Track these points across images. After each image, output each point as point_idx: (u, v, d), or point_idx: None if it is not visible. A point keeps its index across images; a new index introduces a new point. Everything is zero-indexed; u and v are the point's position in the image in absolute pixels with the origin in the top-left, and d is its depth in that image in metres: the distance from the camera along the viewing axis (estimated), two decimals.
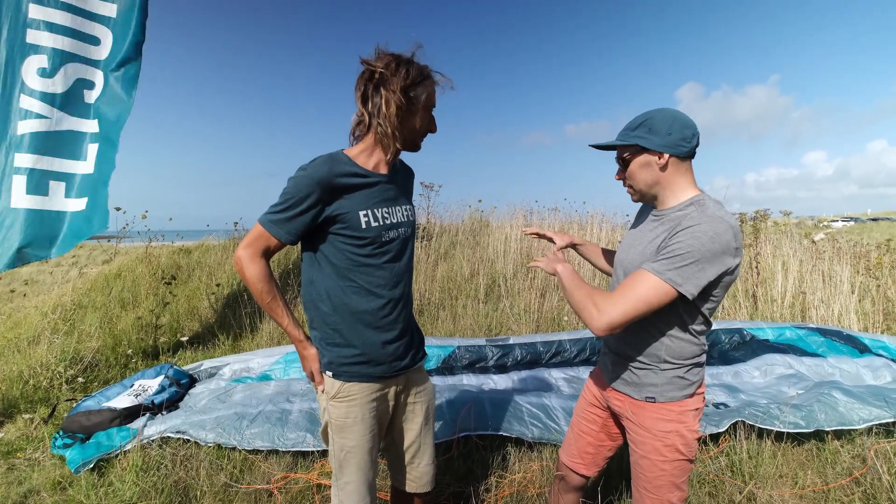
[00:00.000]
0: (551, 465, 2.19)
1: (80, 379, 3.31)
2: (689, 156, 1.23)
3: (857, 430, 2.37)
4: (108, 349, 3.78)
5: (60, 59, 3.21)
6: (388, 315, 1.35)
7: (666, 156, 1.21)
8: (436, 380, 3.00)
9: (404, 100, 1.26)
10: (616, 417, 1.44)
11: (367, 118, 1.30)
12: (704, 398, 1.34)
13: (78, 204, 3.27)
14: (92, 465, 2.23)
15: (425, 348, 1.54)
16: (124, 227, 5.83)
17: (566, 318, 4.33)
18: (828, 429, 2.32)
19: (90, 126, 3.35)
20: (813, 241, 6.41)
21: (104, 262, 6.92)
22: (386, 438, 1.51)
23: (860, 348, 3.39)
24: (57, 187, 3.23)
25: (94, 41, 3.36)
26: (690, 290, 1.11)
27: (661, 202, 1.29)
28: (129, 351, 3.72)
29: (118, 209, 5.35)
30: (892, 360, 3.20)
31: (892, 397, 2.47)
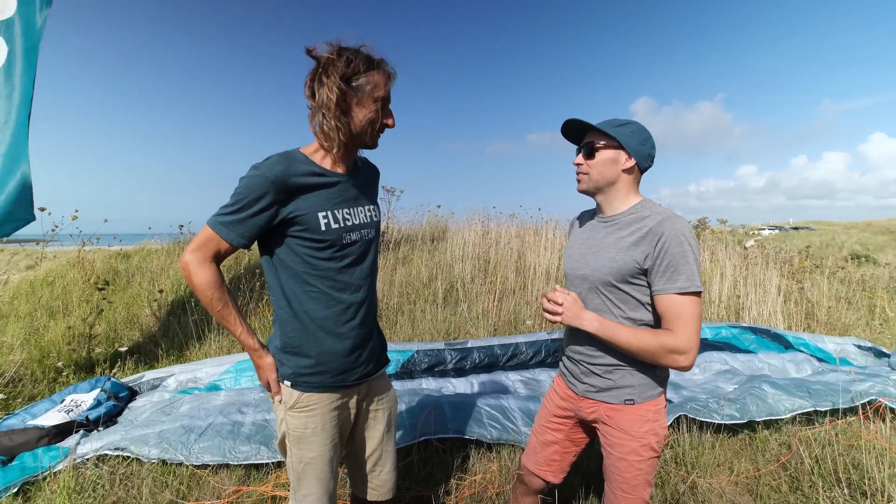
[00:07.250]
0: (510, 465, 2.23)
1: (1, 395, 3.00)
2: (644, 171, 1.35)
3: (783, 419, 2.59)
4: (34, 362, 3.45)
5: None
6: (350, 321, 1.31)
7: (633, 161, 1.30)
8: (395, 384, 2.98)
9: (344, 89, 1.20)
10: (583, 424, 1.46)
11: (315, 112, 1.23)
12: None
13: None
14: (16, 490, 2.02)
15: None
16: (52, 230, 5.34)
17: (529, 322, 4.43)
18: (758, 419, 2.52)
19: None
20: (745, 248, 6.95)
21: (28, 268, 6.32)
22: (347, 447, 1.47)
23: (785, 345, 3.72)
24: None
25: None
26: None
27: (607, 206, 1.36)
28: (60, 363, 3.41)
29: (42, 209, 4.87)
30: (812, 355, 3.53)
31: (813, 388, 2.72)
